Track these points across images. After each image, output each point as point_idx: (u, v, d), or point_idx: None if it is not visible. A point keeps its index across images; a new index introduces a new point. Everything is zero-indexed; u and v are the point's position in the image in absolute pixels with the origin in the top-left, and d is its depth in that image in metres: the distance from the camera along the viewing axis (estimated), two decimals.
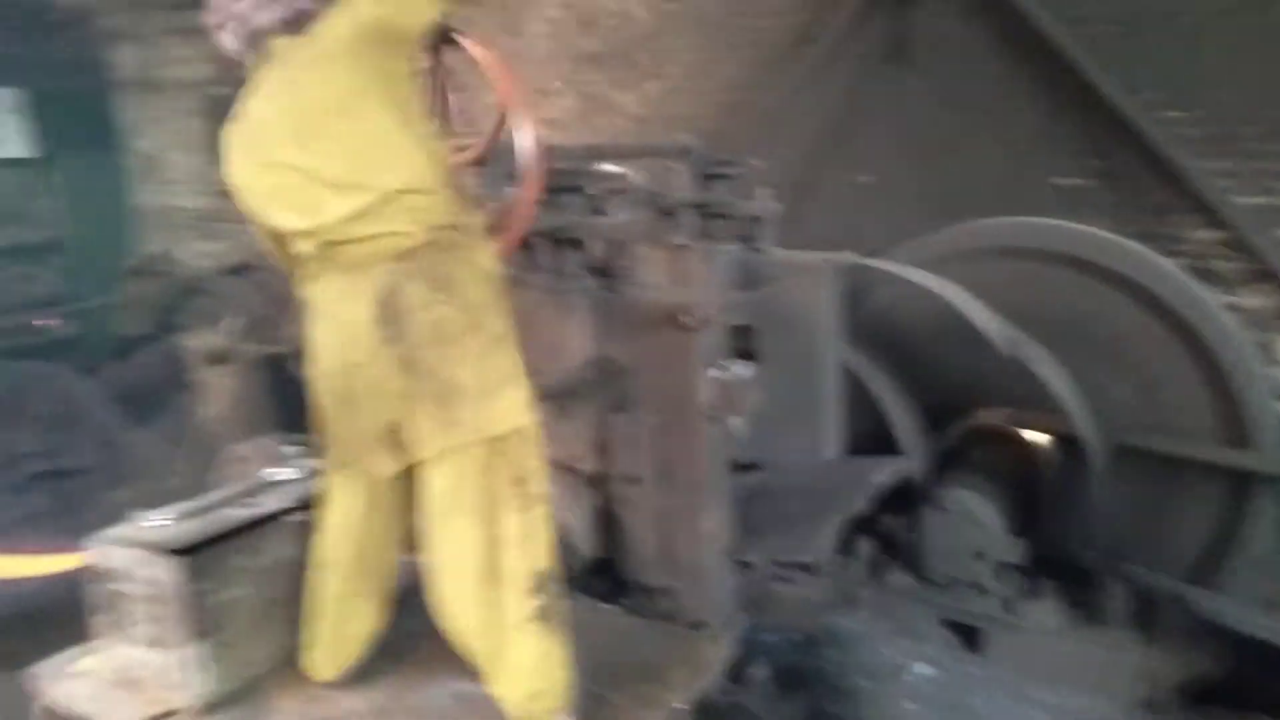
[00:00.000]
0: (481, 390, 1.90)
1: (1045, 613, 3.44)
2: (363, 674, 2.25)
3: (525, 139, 2.32)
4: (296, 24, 1.89)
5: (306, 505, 2.24)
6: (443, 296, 1.87)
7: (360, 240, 1.87)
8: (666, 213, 3.57)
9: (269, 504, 2.25)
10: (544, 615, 1.99)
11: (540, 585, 1.99)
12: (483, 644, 2.00)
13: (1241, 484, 3.73)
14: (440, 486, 1.95)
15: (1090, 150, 4.38)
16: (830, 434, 3.80)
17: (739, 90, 5.12)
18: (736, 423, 3.48)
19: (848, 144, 4.89)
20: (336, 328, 1.93)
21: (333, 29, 1.85)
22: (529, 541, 1.98)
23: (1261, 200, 4.06)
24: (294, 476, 2.37)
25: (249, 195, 1.96)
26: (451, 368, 1.88)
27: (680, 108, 5.31)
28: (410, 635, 2.41)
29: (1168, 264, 4.00)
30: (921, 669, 3.56)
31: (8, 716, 2.53)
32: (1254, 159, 4.03)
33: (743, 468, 3.67)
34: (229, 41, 1.97)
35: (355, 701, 2.16)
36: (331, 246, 1.89)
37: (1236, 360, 3.74)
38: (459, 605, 2.02)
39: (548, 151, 2.66)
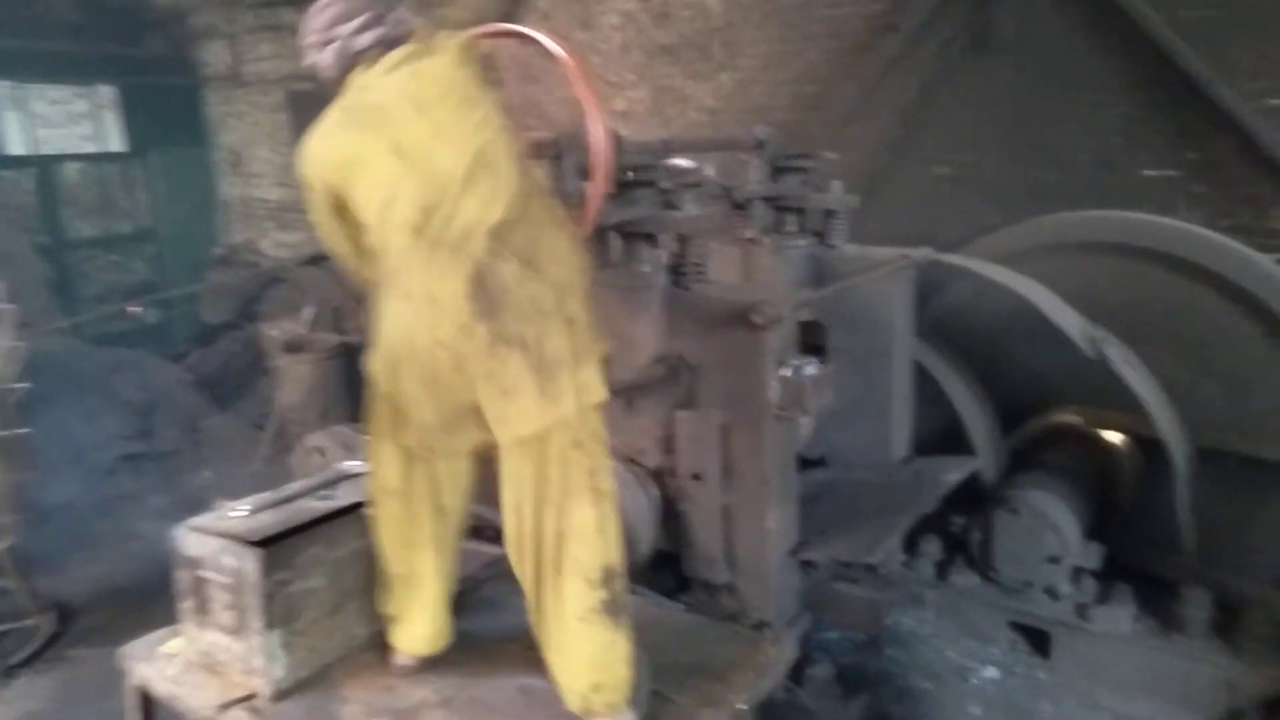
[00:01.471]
0: (575, 362, 1.96)
1: (1119, 619, 3.32)
2: (430, 666, 2.31)
3: (596, 133, 2.33)
4: (394, 44, 2.01)
5: None
6: (533, 274, 1.93)
7: (458, 217, 1.92)
8: (738, 206, 3.56)
9: (345, 496, 2.32)
10: (609, 609, 2.01)
11: (607, 579, 2.01)
12: (548, 632, 2.04)
13: None
14: (522, 470, 1.99)
15: (1184, 141, 4.19)
16: (900, 432, 3.73)
17: (814, 82, 5.04)
18: (804, 421, 3.46)
19: (925, 135, 4.77)
20: (424, 305, 1.95)
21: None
22: (599, 535, 2.01)
23: None
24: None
25: (357, 175, 1.97)
26: (550, 341, 1.93)
27: (754, 99, 5.26)
28: (479, 630, 2.47)
29: (1263, 260, 3.80)
30: (987, 672, 3.49)
31: (102, 690, 2.68)
32: None
33: (810, 464, 3.65)
34: (326, 61, 2.06)
35: (422, 692, 2.21)
36: (432, 225, 1.93)
37: None
38: (530, 590, 2.06)
39: (619, 145, 2.67)
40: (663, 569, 3.11)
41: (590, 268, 2.92)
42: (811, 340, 3.69)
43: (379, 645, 2.33)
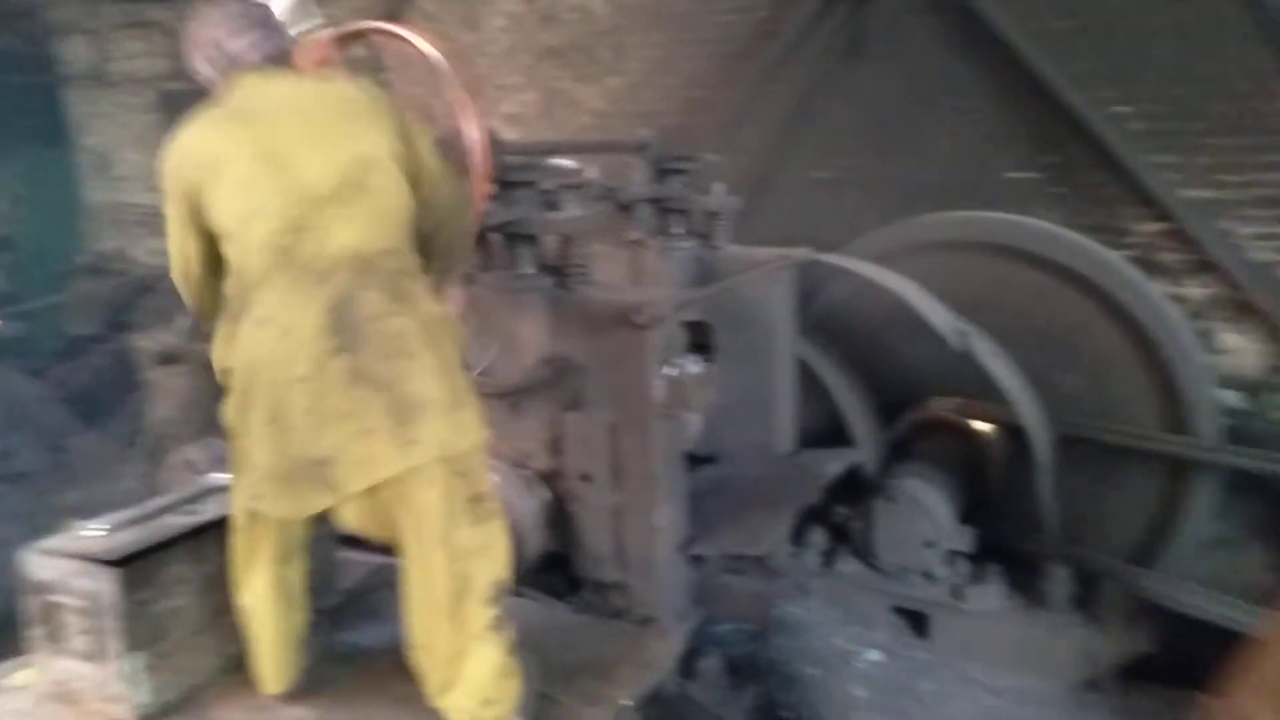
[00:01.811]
0: (443, 406, 1.86)
1: (990, 597, 3.51)
2: (308, 683, 2.23)
3: (471, 133, 2.32)
4: (279, 60, 1.97)
5: None
6: (400, 308, 1.83)
7: (327, 242, 1.83)
8: (623, 208, 3.59)
9: (212, 509, 2.23)
10: (499, 625, 2.00)
11: (498, 595, 2.00)
12: (443, 656, 1.99)
13: (1180, 470, 3.84)
14: (396, 505, 1.93)
15: (1042, 145, 4.44)
16: (785, 427, 3.85)
17: (702, 87, 5.12)
18: (693, 419, 3.52)
19: (807, 139, 4.91)
20: (279, 336, 1.82)
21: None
22: (487, 553, 1.98)
23: (1205, 193, 4.14)
24: None
25: (219, 175, 1.85)
26: (411, 382, 1.83)
27: (643, 103, 5.30)
28: (361, 642, 2.42)
29: (1114, 257, 4.09)
30: (871, 655, 3.63)
31: None
32: (1198, 153, 4.11)
33: (700, 462, 3.71)
34: (206, 69, 1.98)
35: (299, 710, 2.15)
36: (292, 242, 1.82)
37: (1177, 350, 3.84)
38: (426, 622, 2.01)
39: (498, 146, 2.67)
40: (553, 570, 3.11)
41: (467, 274, 2.94)
42: (699, 340, 3.77)
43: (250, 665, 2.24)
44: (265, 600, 2.07)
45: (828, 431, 4.03)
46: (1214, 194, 4.13)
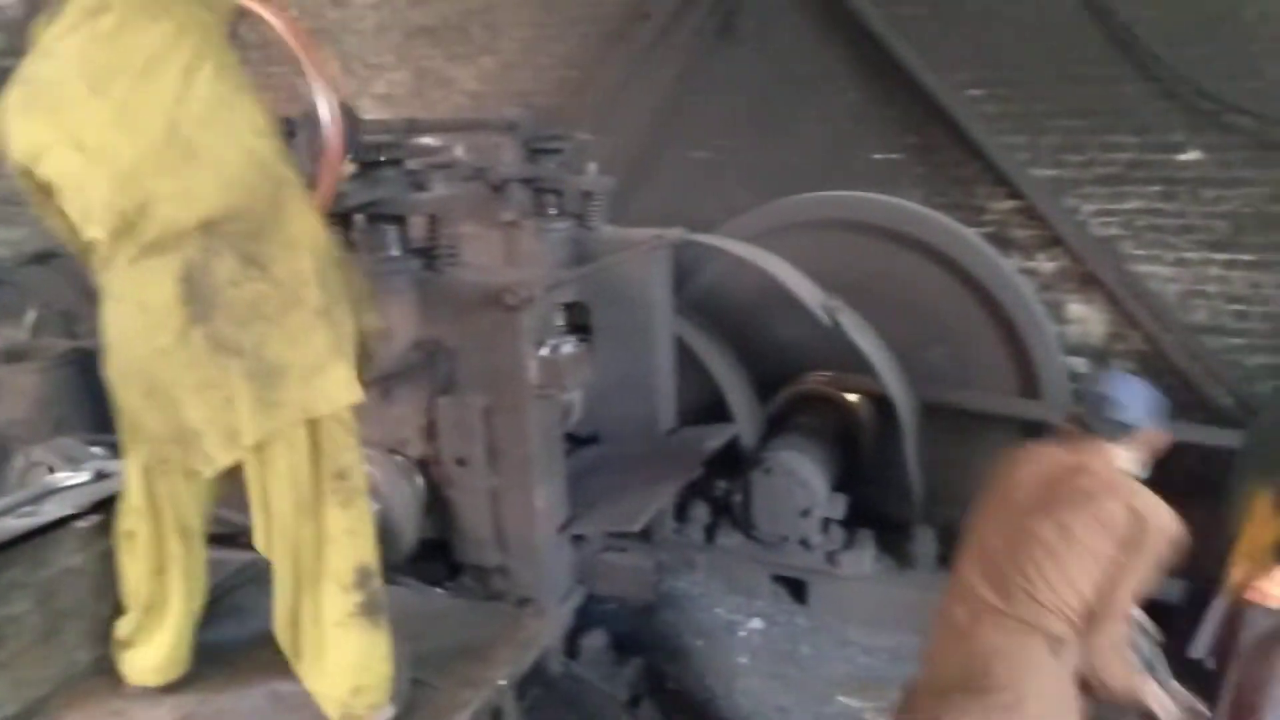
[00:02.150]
0: (305, 368, 1.81)
1: (862, 561, 3.67)
2: (171, 683, 2.15)
3: (324, 109, 2.23)
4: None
5: (98, 508, 2.11)
6: (255, 272, 1.77)
7: (163, 214, 1.74)
8: (494, 188, 3.55)
9: (53, 510, 2.10)
10: (366, 611, 1.94)
11: (362, 581, 1.94)
12: (305, 640, 1.95)
13: (1034, 432, 4.09)
14: (263, 479, 1.87)
15: (905, 127, 4.62)
16: (666, 405, 3.90)
17: (576, 67, 5.10)
18: (573, 400, 3.53)
19: (683, 121, 4.96)
20: (137, 312, 1.77)
21: None
22: (352, 537, 1.92)
23: (1053, 172, 4.41)
24: (84, 479, 2.22)
25: (39, 167, 1.77)
26: (271, 346, 1.78)
27: (519, 83, 5.24)
28: (225, 640, 2.33)
29: (970, 234, 4.31)
30: (753, 624, 3.75)
31: None
32: (1046, 134, 4.37)
33: (582, 443, 3.73)
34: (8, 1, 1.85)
35: (158, 712, 2.05)
36: (131, 225, 1.74)
37: (1030, 321, 4.09)
38: (283, 601, 1.96)
39: (356, 123, 2.58)
40: (433, 557, 3.07)
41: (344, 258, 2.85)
42: (577, 321, 3.78)
43: (108, 669, 2.14)
44: (172, 578, 2.00)
45: (712, 409, 4.11)
46: (1060, 173, 4.39)
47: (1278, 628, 2.63)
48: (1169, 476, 4.33)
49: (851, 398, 4.23)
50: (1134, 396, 2.23)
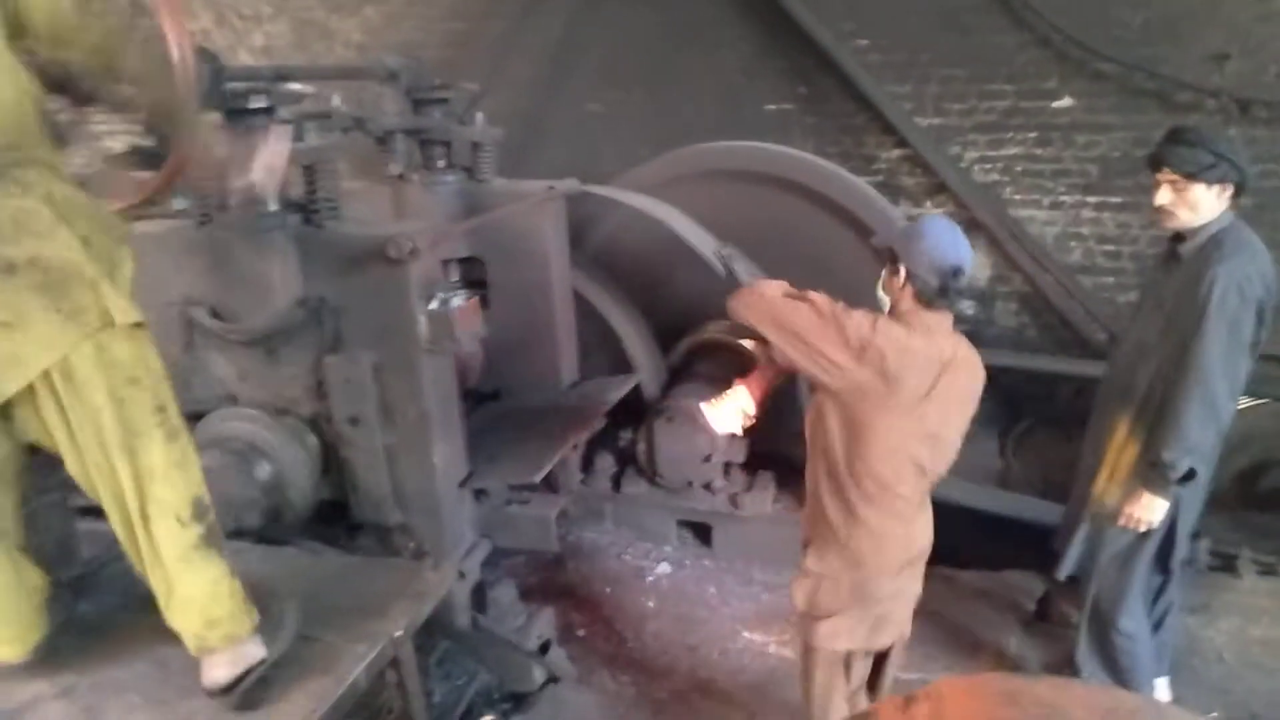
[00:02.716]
0: (97, 275, 1.72)
1: (763, 502, 3.77)
2: (49, 654, 2.07)
3: (175, 51, 2.11)
4: None
5: None
6: (16, 190, 1.68)
7: None
8: (379, 141, 3.44)
9: None
10: (207, 542, 1.89)
11: (199, 514, 1.89)
12: (152, 579, 1.90)
13: None
14: (72, 414, 1.77)
15: (796, 77, 4.69)
16: (568, 359, 3.89)
17: (464, 18, 4.98)
18: (473, 355, 3.49)
19: (575, 73, 4.91)
20: None
21: None
22: (180, 470, 1.86)
23: (936, 121, 4.55)
24: None
25: None
26: (48, 259, 1.68)
27: (405, 35, 5.09)
28: (106, 611, 2.25)
29: (860, 183, 4.41)
30: (661, 569, 3.82)
31: None
32: (928, 83, 4.50)
33: (485, 399, 3.71)
34: None
35: (36, 686, 1.98)
36: None
37: None
38: (123, 540, 1.89)
39: (217, 70, 2.46)
40: (332, 518, 3.02)
41: (204, 216, 2.71)
42: (475, 277, 3.72)
43: None
44: None
45: (612, 361, 4.13)
46: (943, 121, 4.54)
47: (1131, 545, 2.83)
48: (1049, 409, 4.60)
49: (749, 344, 4.30)
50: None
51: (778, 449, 3.98)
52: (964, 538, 3.94)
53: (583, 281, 4.01)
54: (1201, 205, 2.57)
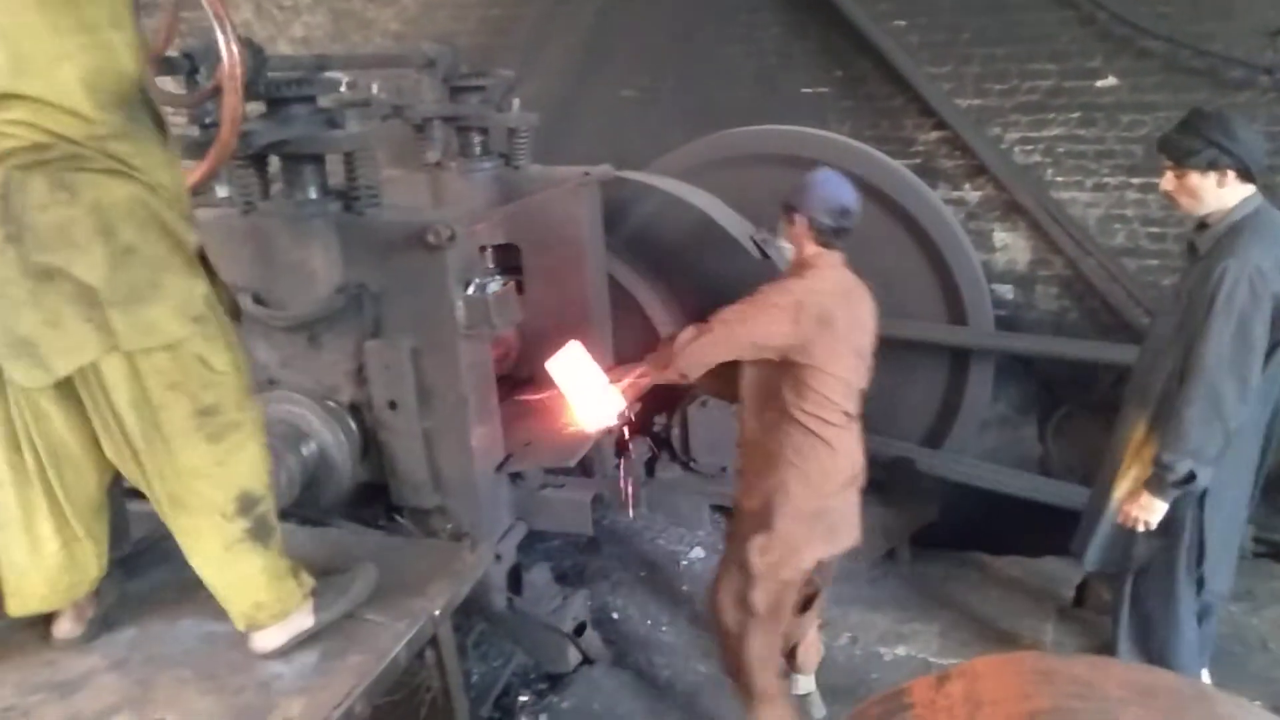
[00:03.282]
0: (111, 302, 1.75)
1: None
2: (101, 631, 2.14)
3: (223, 42, 2.16)
4: None
5: None
6: (64, 197, 1.71)
7: None
8: (416, 128, 3.48)
9: None
10: (255, 535, 1.94)
11: (244, 509, 1.93)
12: (200, 568, 1.97)
13: (962, 360, 4.21)
14: (111, 410, 1.82)
15: (831, 60, 4.63)
16: (602, 342, 3.92)
17: (499, 5, 4.99)
18: (510, 341, 3.52)
19: (612, 58, 4.90)
20: None
21: None
22: (221, 468, 1.90)
23: (976, 102, 4.47)
24: None
25: None
26: (78, 272, 1.72)
27: (441, 24, 5.11)
28: (156, 587, 2.32)
29: (898, 166, 4.37)
30: (694, 553, 3.83)
31: None
32: (968, 63, 4.41)
33: (519, 383, 3.74)
34: None
35: (90, 660, 2.05)
36: None
37: (955, 249, 4.17)
38: (180, 535, 1.95)
39: (261, 59, 2.50)
40: (371, 501, 3.08)
41: (246, 203, 2.76)
42: (511, 264, 3.76)
43: (36, 621, 2.11)
44: (33, 500, 1.93)
45: (646, 346, 4.13)
46: (983, 102, 4.46)
47: (1160, 547, 2.70)
48: (1089, 395, 4.53)
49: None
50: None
51: None
52: (1003, 524, 3.92)
53: (618, 266, 4.03)
54: (1201, 192, 2.46)
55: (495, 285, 2.84)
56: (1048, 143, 4.40)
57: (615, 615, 3.57)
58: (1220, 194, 2.46)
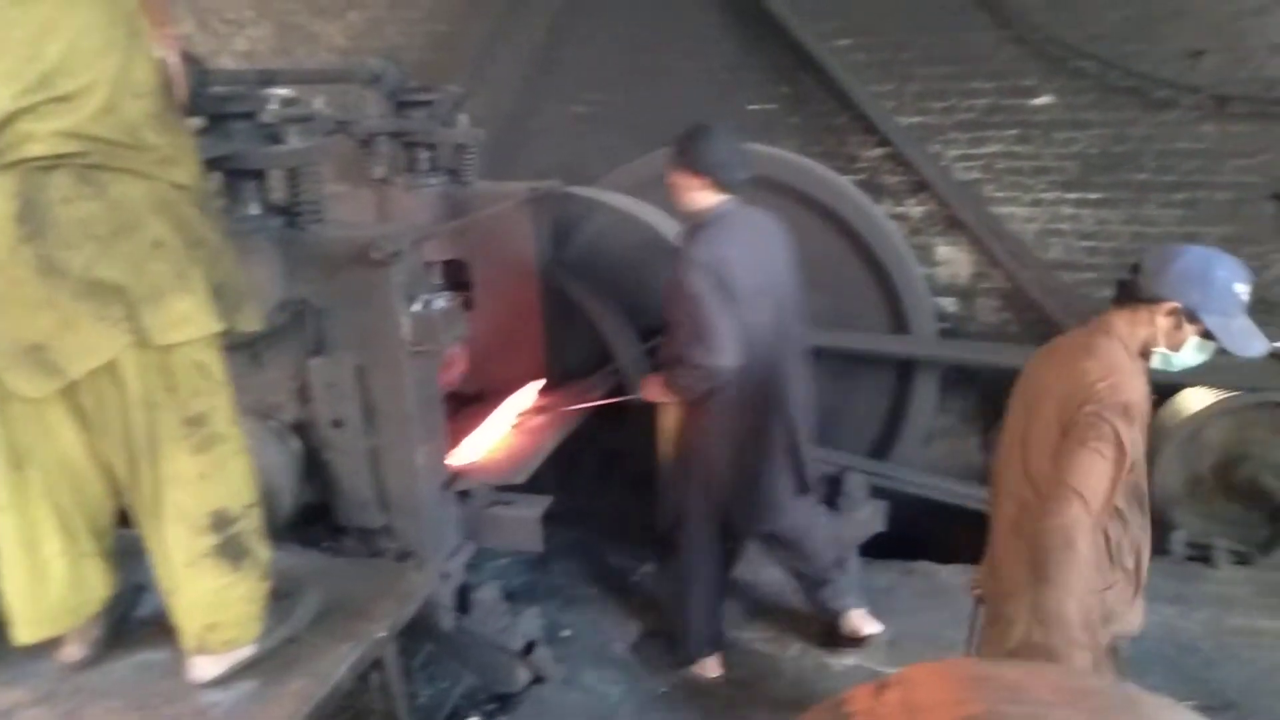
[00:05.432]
0: (139, 296, 1.76)
1: None
2: (30, 661, 2.07)
3: (163, 55, 2.12)
4: None
5: None
6: (90, 191, 1.71)
7: (16, 139, 1.67)
8: (362, 143, 3.45)
9: None
10: (224, 553, 1.92)
11: (219, 524, 1.91)
12: (159, 574, 1.93)
13: (906, 372, 4.29)
14: (105, 411, 1.82)
15: (778, 77, 4.70)
16: (550, 360, 3.91)
17: (446, 20, 4.98)
18: (457, 356, 3.49)
19: (560, 75, 4.91)
20: None
21: None
22: (202, 481, 1.88)
23: (918, 119, 4.57)
24: None
25: None
26: (99, 268, 1.72)
27: (388, 39, 5.07)
28: None
29: (844, 182, 4.44)
30: (646, 569, 3.82)
31: None
32: (910, 82, 4.52)
33: (466, 400, 3.71)
34: None
35: (16, 694, 1.99)
36: None
37: (899, 265, 4.25)
38: (142, 537, 1.93)
39: (202, 74, 2.46)
40: (315, 522, 3.02)
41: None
42: (459, 279, 3.73)
43: None
44: (40, 519, 1.89)
45: (598, 362, 4.13)
46: (924, 119, 4.56)
47: None
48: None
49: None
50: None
51: None
52: (947, 533, 3.99)
53: (567, 282, 4.02)
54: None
55: (441, 302, 2.82)
56: (986, 159, 4.52)
57: (566, 633, 3.54)
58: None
